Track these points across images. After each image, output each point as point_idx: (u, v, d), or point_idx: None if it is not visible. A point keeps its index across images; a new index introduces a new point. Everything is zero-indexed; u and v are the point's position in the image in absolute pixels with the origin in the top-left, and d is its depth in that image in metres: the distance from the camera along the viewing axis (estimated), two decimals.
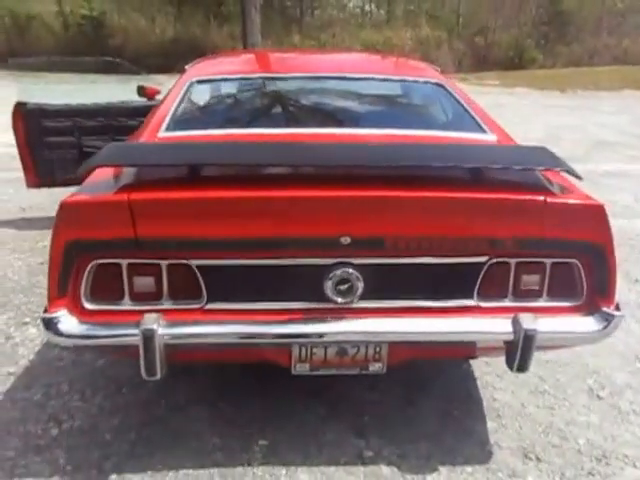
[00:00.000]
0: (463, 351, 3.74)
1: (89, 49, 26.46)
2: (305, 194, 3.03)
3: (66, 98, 7.48)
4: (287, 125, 4.36)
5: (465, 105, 4.43)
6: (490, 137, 4.03)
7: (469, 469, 3.59)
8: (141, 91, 7.58)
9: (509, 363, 3.20)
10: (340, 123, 4.41)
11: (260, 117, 4.62)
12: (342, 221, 3.02)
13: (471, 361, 4.57)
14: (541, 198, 3.09)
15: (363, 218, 3.03)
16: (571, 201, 3.17)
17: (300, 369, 3.28)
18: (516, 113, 17.12)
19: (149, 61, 25.45)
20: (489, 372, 4.46)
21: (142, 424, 3.89)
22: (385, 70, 5.60)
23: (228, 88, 5.00)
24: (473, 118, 4.26)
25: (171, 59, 25.01)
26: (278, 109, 4.79)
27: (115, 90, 7.91)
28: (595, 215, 3.16)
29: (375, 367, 3.30)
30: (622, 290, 5.65)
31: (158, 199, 3.01)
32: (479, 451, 3.73)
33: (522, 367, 3.16)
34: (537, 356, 4.39)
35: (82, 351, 4.44)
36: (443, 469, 3.58)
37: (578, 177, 3.31)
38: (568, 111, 18.66)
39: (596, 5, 40.98)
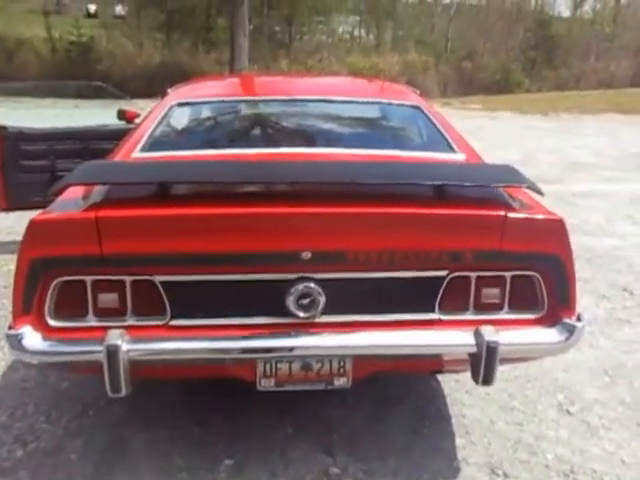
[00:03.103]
0: (428, 365, 3.73)
1: (76, 74, 26.57)
2: (265, 210, 3.06)
3: (47, 122, 7.49)
4: (260, 146, 4.38)
5: (439, 126, 4.46)
6: (458, 156, 4.06)
7: None
8: (121, 114, 7.60)
9: (474, 376, 3.20)
10: (313, 144, 4.43)
11: (237, 139, 4.65)
12: (303, 236, 3.04)
13: (440, 378, 4.56)
14: (501, 213, 3.12)
15: (324, 233, 3.05)
16: (531, 216, 3.21)
17: (265, 384, 3.26)
18: (496, 136, 17.26)
19: (134, 85, 25.55)
20: (458, 389, 4.46)
21: (107, 445, 3.86)
22: (363, 93, 5.63)
23: (208, 111, 5.03)
24: (445, 139, 4.30)
25: (157, 84, 25.01)
26: (256, 131, 4.83)
27: (97, 115, 7.91)
28: (554, 229, 3.19)
29: (340, 382, 3.29)
30: (590, 306, 5.76)
31: (124, 216, 3.03)
32: (446, 467, 3.72)
33: (487, 380, 3.16)
34: (506, 372, 4.46)
35: (48, 369, 4.43)
36: None
37: (540, 193, 3.35)
38: (549, 134, 18.76)
39: (584, 30, 41.42)
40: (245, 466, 3.69)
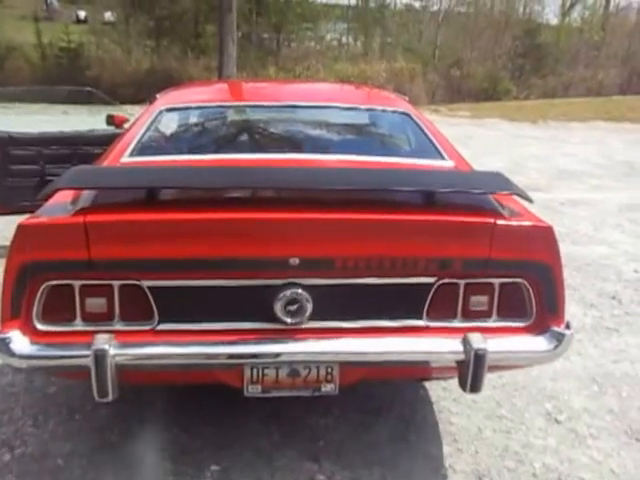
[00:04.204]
0: (416, 372, 3.72)
1: (66, 80, 26.49)
2: (253, 216, 3.06)
3: (36, 127, 7.48)
4: (248, 151, 4.38)
5: (428, 133, 4.45)
6: (447, 163, 4.06)
7: None
8: (110, 120, 7.59)
9: (462, 384, 3.19)
10: (301, 149, 4.42)
11: (225, 144, 4.65)
12: (291, 242, 3.04)
13: (427, 386, 4.55)
14: (490, 220, 3.12)
15: (312, 240, 3.05)
16: (520, 223, 3.20)
17: (252, 390, 3.25)
18: (484, 144, 17.29)
19: (124, 91, 25.55)
20: (445, 397, 4.45)
21: (94, 450, 3.85)
22: (352, 99, 5.62)
23: (196, 116, 5.02)
24: (434, 145, 4.29)
25: (145, 90, 24.96)
26: (244, 137, 4.84)
27: (86, 120, 7.91)
28: (543, 236, 3.19)
29: (327, 388, 3.27)
30: (578, 315, 5.76)
31: (112, 221, 3.03)
32: (433, 475, 3.71)
33: (475, 387, 3.14)
34: (494, 380, 4.45)
35: (35, 373, 4.43)
36: None
37: (529, 200, 3.33)
38: (537, 141, 18.76)
39: (573, 38, 41.55)
40: (231, 472, 3.68)
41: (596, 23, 44.46)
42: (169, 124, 4.75)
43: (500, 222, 3.13)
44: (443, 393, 4.48)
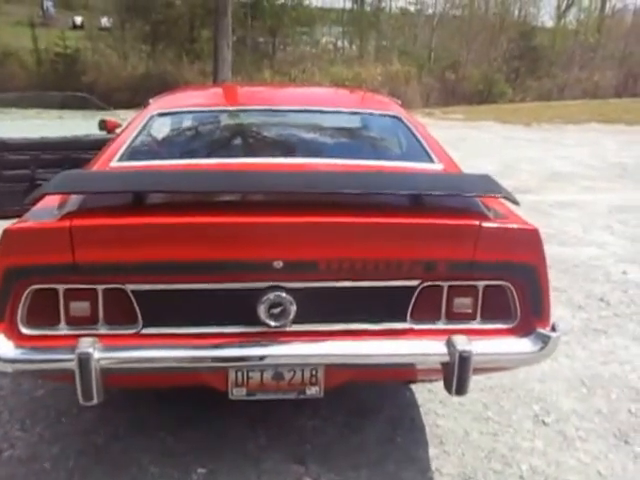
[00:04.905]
0: (401, 374, 3.73)
1: (61, 85, 26.54)
2: (237, 220, 3.05)
3: (30, 132, 7.48)
4: (237, 155, 4.39)
5: (418, 136, 4.46)
6: (436, 166, 4.07)
7: None
8: (102, 124, 7.58)
9: (447, 386, 3.18)
10: (291, 153, 4.41)
11: (214, 149, 4.67)
12: (275, 245, 3.03)
13: (414, 388, 4.55)
14: (475, 223, 3.11)
15: (295, 243, 3.04)
16: (505, 225, 3.20)
17: (237, 393, 3.24)
18: (477, 146, 17.30)
19: (119, 96, 25.69)
20: (432, 399, 4.44)
21: (81, 453, 3.85)
22: (343, 103, 5.63)
23: (188, 121, 5.04)
24: (423, 148, 4.31)
25: (141, 95, 24.98)
26: (234, 141, 4.86)
27: (80, 125, 7.90)
28: (529, 239, 3.18)
29: (312, 391, 3.27)
30: (566, 316, 5.76)
31: (96, 226, 3.03)
32: (420, 477, 3.71)
33: (460, 390, 3.13)
34: (481, 382, 4.45)
35: (22, 377, 4.44)
36: None
37: (515, 202, 3.35)
38: (530, 144, 18.76)
39: (568, 40, 41.60)
40: (218, 475, 3.68)
41: (592, 25, 44.61)
42: (160, 129, 4.76)
43: (485, 224, 3.12)
44: (429, 395, 4.47)
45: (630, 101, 32.14)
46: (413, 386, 4.56)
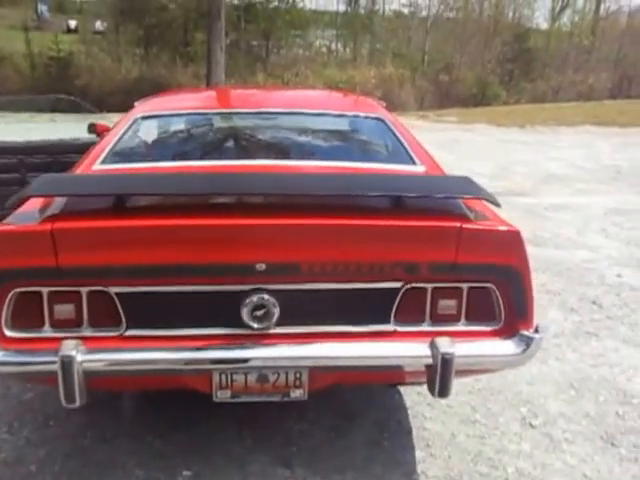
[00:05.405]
0: (386, 376, 3.69)
1: (55, 89, 26.43)
2: (219, 222, 3.06)
3: (22, 136, 7.50)
4: (220, 158, 4.40)
5: (400, 138, 4.46)
6: (418, 168, 4.07)
7: None
8: (92, 128, 7.57)
9: (430, 388, 3.17)
10: (272, 156, 4.42)
11: (197, 151, 4.68)
12: (257, 248, 3.04)
13: (402, 391, 4.55)
14: (457, 225, 3.10)
15: (278, 245, 3.05)
16: (487, 227, 3.20)
17: (221, 396, 3.24)
18: (470, 149, 17.32)
19: (113, 100, 25.49)
20: (420, 402, 4.44)
21: (67, 456, 3.85)
22: (327, 105, 5.61)
23: (171, 123, 5.06)
24: (406, 150, 4.31)
25: (135, 98, 24.89)
26: (217, 143, 4.86)
27: (73, 128, 7.89)
28: (510, 240, 3.17)
29: (296, 393, 3.27)
30: (558, 319, 5.75)
31: (79, 228, 3.03)
32: None
33: (443, 392, 3.13)
34: (469, 384, 4.46)
35: (9, 380, 4.44)
36: None
37: (497, 204, 3.34)
38: (524, 146, 18.69)
39: (563, 42, 41.64)
40: (203, 478, 3.68)
41: (586, 27, 44.58)
42: (144, 131, 4.75)
43: (466, 226, 3.11)
44: (418, 398, 4.46)
45: (624, 103, 32.16)
46: (402, 388, 4.56)
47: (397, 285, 3.19)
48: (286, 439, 4.02)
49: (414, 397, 4.48)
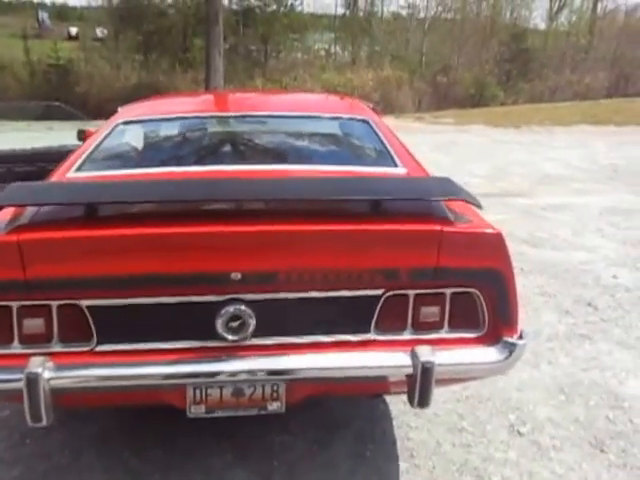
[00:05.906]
0: (366, 387, 3.59)
1: (54, 96, 26.46)
2: (192, 230, 2.96)
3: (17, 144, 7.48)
4: (197, 164, 4.31)
5: (384, 140, 4.38)
6: (399, 170, 3.98)
7: None
8: (81, 135, 7.52)
9: (410, 398, 3.10)
10: (251, 161, 4.38)
11: (175, 157, 4.58)
12: (232, 257, 2.95)
13: (388, 400, 4.48)
14: (437, 228, 3.02)
15: (253, 253, 2.96)
16: (468, 230, 3.11)
17: (195, 411, 3.16)
18: (467, 150, 17.22)
19: (112, 106, 25.34)
20: (406, 411, 4.36)
21: (43, 474, 3.78)
22: (311, 108, 5.54)
23: (151, 129, 4.97)
24: (388, 152, 4.23)
25: None
26: (196, 149, 4.76)
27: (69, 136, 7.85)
28: (493, 243, 3.09)
29: (274, 406, 3.19)
30: (552, 322, 5.68)
31: (47, 239, 2.94)
32: None
33: (423, 402, 3.05)
34: (457, 392, 4.39)
35: None
36: None
37: (478, 206, 3.24)
38: (520, 147, 18.61)
39: (560, 42, 41.65)
40: None
41: (583, 26, 44.61)
42: (123, 138, 4.69)
43: (447, 229, 3.03)
44: (404, 407, 4.36)
45: (620, 101, 32.12)
46: (387, 397, 4.49)
47: (377, 292, 3.11)
48: (267, 453, 3.95)
49: (400, 406, 4.40)
